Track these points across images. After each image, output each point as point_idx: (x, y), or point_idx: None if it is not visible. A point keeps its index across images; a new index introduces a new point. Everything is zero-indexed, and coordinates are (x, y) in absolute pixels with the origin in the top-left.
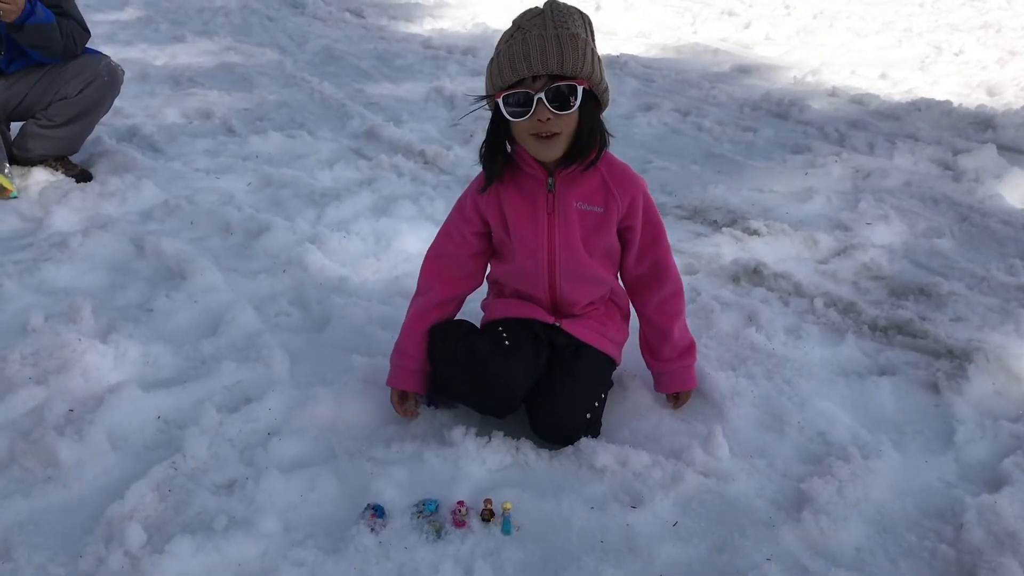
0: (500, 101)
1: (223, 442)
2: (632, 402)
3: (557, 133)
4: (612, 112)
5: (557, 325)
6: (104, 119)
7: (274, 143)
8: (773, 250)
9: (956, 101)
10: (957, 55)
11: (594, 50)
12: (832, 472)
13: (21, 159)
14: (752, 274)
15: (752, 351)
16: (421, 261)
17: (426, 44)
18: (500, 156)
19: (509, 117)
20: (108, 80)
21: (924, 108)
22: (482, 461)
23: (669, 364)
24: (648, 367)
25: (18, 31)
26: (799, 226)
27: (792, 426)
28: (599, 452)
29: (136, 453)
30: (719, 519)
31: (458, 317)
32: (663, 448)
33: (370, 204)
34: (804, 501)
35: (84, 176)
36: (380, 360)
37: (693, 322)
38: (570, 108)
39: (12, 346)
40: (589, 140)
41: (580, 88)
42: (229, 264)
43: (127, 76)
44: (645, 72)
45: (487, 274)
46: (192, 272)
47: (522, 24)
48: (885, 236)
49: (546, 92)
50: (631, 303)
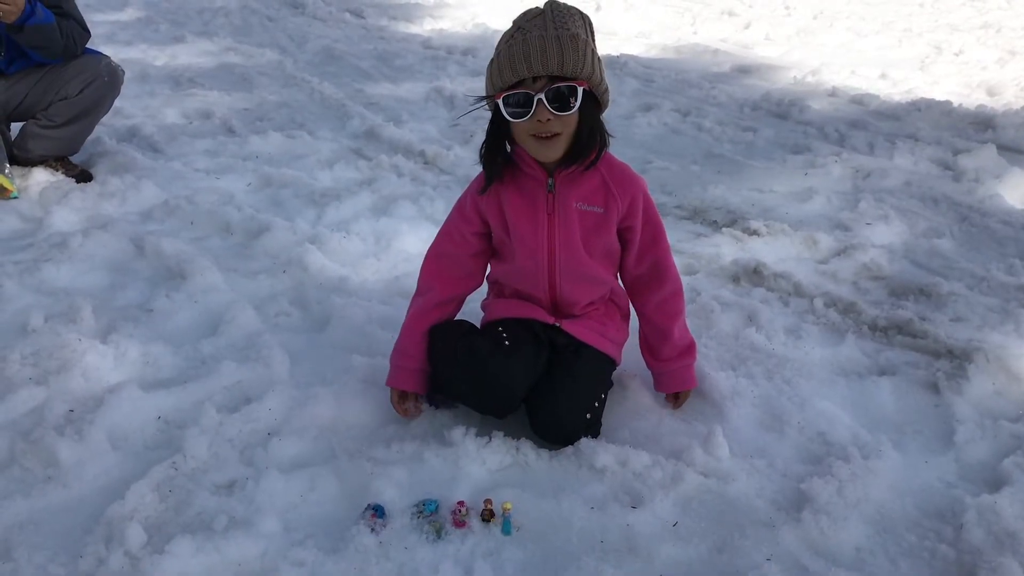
0: (500, 101)
1: (223, 442)
2: (632, 402)
3: (557, 134)
4: (612, 112)
5: (557, 325)
6: (104, 119)
7: (274, 143)
8: (773, 250)
9: (956, 101)
10: (957, 55)
11: (594, 51)
12: (832, 472)
13: (21, 159)
14: (752, 274)
15: (752, 351)
16: (421, 261)
17: (426, 44)
18: (500, 156)
19: (509, 118)
20: (108, 80)
21: (924, 108)
22: (482, 461)
23: (669, 364)
24: (648, 367)
25: (18, 32)
26: (799, 226)
27: (792, 426)
28: (599, 452)
29: (136, 453)
30: (719, 519)
31: (458, 317)
32: (663, 448)
33: (370, 204)
34: (804, 501)
35: (84, 176)
36: (380, 360)
37: (693, 322)
38: (570, 109)
39: (12, 346)
40: (589, 141)
41: (580, 89)
42: (229, 264)
43: (127, 76)
44: (645, 72)
45: (487, 274)
46: (192, 272)
47: (522, 24)
48: (885, 236)
49: (546, 93)
50: (631, 303)
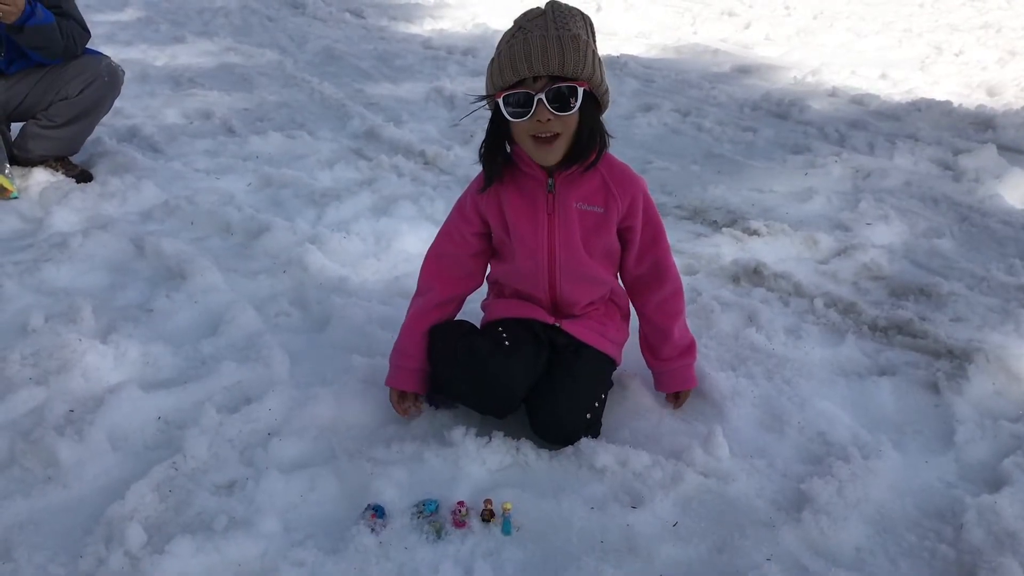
0: (500, 101)
1: (223, 442)
2: (632, 402)
3: (557, 134)
4: (612, 112)
5: (557, 325)
6: (104, 120)
7: (274, 143)
8: (773, 250)
9: (956, 101)
10: (957, 55)
11: (595, 51)
12: (832, 472)
13: (22, 159)
14: (752, 274)
15: (752, 351)
16: (421, 261)
17: (426, 44)
18: (500, 156)
19: (509, 117)
20: (108, 80)
21: (924, 108)
22: (482, 461)
23: (669, 363)
24: (648, 366)
25: (18, 32)
26: (799, 226)
27: (792, 426)
28: (599, 452)
29: (136, 453)
30: (719, 519)
31: (458, 317)
32: (663, 448)
33: (370, 204)
34: (804, 501)
35: (84, 176)
36: (380, 360)
37: (693, 322)
38: (570, 109)
39: (12, 346)
40: (589, 141)
41: (581, 90)
42: (229, 264)
43: (127, 77)
44: (645, 72)
45: (487, 274)
46: (192, 272)
47: (523, 24)
48: (885, 236)
49: (546, 93)
50: (631, 303)
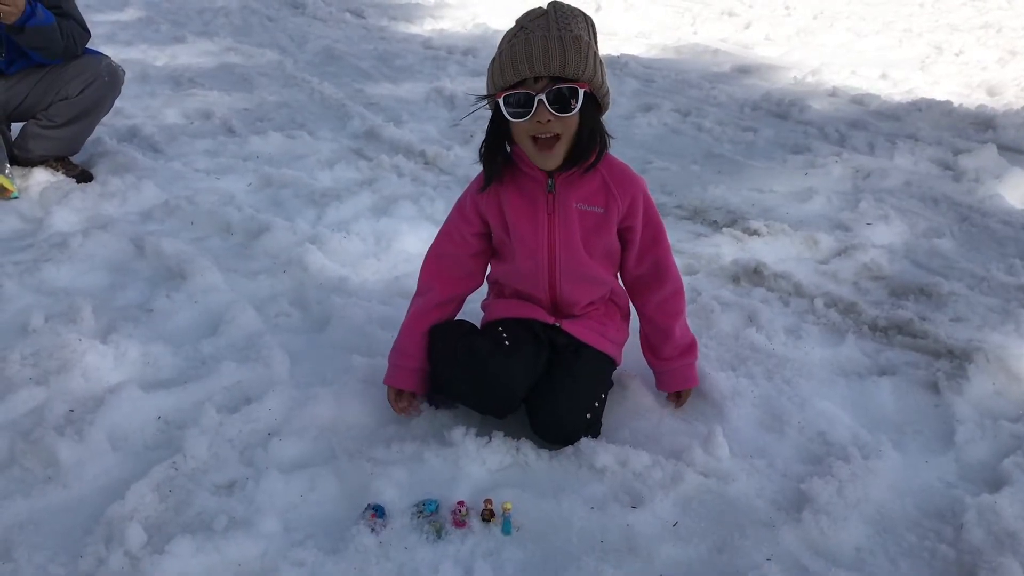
0: (500, 101)
1: (223, 442)
2: (632, 402)
3: (557, 134)
4: (612, 112)
5: (557, 325)
6: (104, 120)
7: (274, 143)
8: (773, 250)
9: (956, 101)
10: (957, 55)
11: (596, 53)
12: (832, 472)
13: (22, 159)
14: (752, 274)
15: (752, 351)
16: (421, 261)
17: (426, 44)
18: (500, 156)
19: (509, 117)
20: (109, 80)
21: (924, 108)
22: (482, 461)
23: (671, 363)
24: (649, 366)
25: (19, 33)
26: (799, 226)
27: (792, 426)
28: (599, 452)
29: (136, 453)
30: (719, 519)
31: (458, 317)
32: (663, 448)
33: (370, 204)
34: (804, 501)
35: (85, 176)
36: (380, 360)
37: (693, 322)
38: (571, 110)
39: (12, 346)
40: (589, 143)
41: (581, 91)
42: (229, 264)
43: (127, 77)
44: (645, 72)
45: (487, 274)
46: (192, 272)
47: (525, 24)
48: (885, 236)
49: (547, 94)
50: (632, 303)
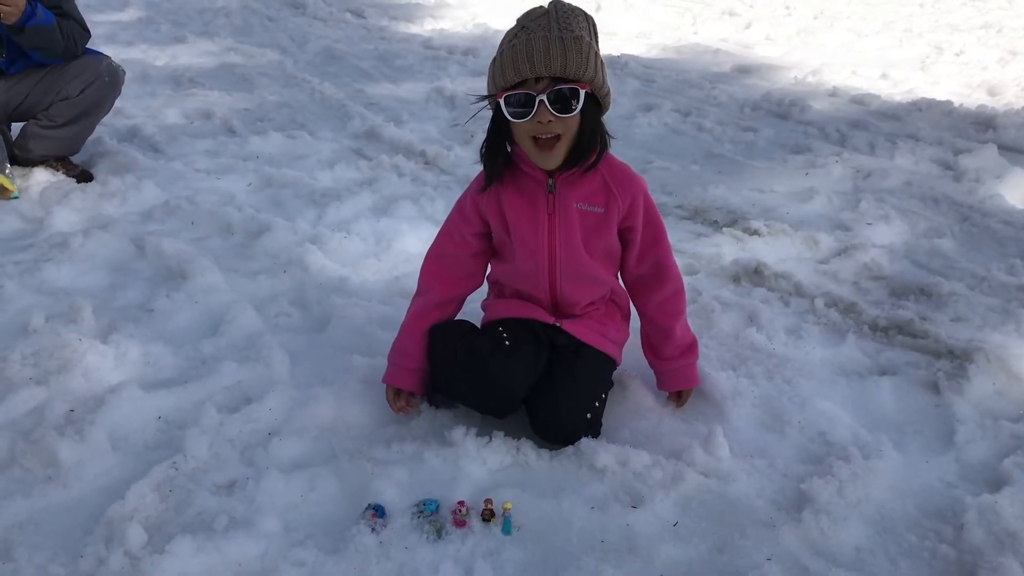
0: (501, 101)
1: (223, 442)
2: (632, 402)
3: (558, 135)
4: (612, 112)
5: (557, 325)
6: (105, 120)
7: (275, 143)
8: (774, 250)
9: (957, 101)
10: (958, 55)
11: (597, 53)
12: (832, 472)
13: (22, 159)
14: (753, 274)
15: (753, 351)
16: (421, 261)
17: (427, 44)
18: (500, 156)
19: (510, 117)
20: (109, 81)
21: (925, 108)
22: (482, 461)
23: (671, 363)
24: (650, 366)
25: (19, 33)
26: (800, 226)
27: (793, 426)
28: (599, 452)
29: (137, 453)
30: (719, 519)
31: (458, 317)
32: (663, 448)
33: (371, 204)
34: (804, 501)
35: (85, 176)
36: (380, 360)
37: (694, 322)
38: (571, 111)
39: (13, 346)
40: (590, 143)
41: (582, 91)
42: (230, 264)
43: (128, 77)
44: (646, 72)
45: (487, 274)
46: (193, 272)
47: (526, 24)
48: (886, 236)
49: (548, 94)
50: (632, 303)
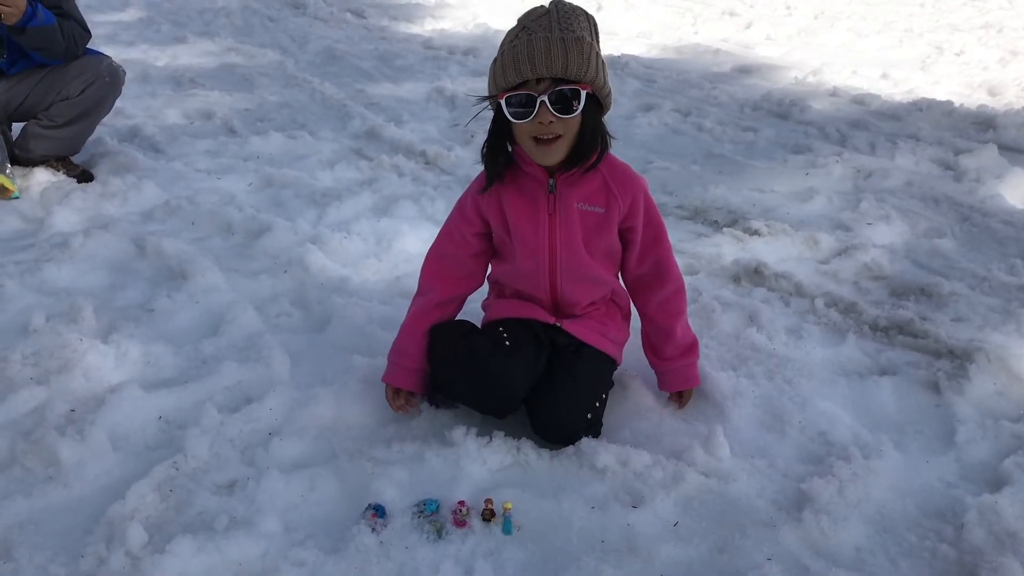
0: (502, 102)
1: (224, 442)
2: (633, 402)
3: (559, 135)
4: (613, 112)
5: (558, 325)
6: (105, 120)
7: (275, 143)
8: (774, 250)
9: (957, 101)
10: (958, 55)
11: (599, 54)
12: (833, 472)
13: (23, 159)
14: (753, 274)
15: (753, 351)
16: (422, 261)
17: (427, 44)
18: (501, 156)
19: (511, 118)
20: (109, 81)
21: (925, 108)
22: (483, 461)
23: (672, 363)
24: (651, 366)
25: (19, 34)
26: (800, 226)
27: (793, 426)
28: (600, 452)
29: (137, 453)
30: (720, 519)
31: (458, 317)
32: (664, 448)
33: (371, 204)
34: (805, 501)
35: (85, 176)
36: (381, 360)
37: (694, 322)
38: (572, 112)
39: (13, 346)
40: (590, 143)
41: (583, 92)
42: (230, 264)
43: (128, 77)
44: (646, 72)
45: (488, 274)
46: (193, 272)
47: (527, 24)
48: (886, 236)
49: (549, 95)
50: (633, 303)
